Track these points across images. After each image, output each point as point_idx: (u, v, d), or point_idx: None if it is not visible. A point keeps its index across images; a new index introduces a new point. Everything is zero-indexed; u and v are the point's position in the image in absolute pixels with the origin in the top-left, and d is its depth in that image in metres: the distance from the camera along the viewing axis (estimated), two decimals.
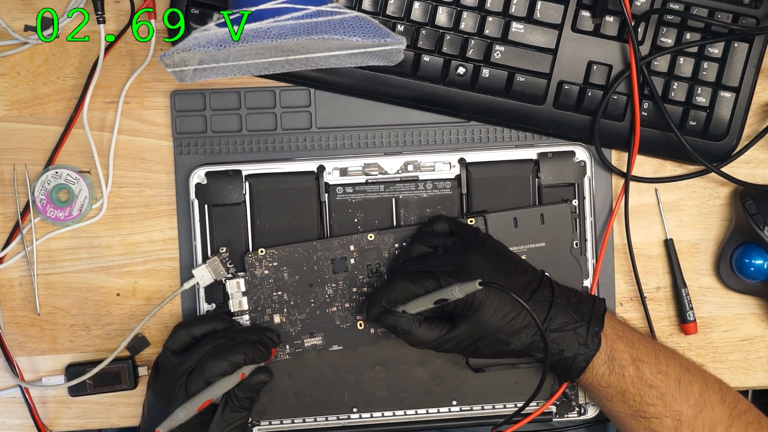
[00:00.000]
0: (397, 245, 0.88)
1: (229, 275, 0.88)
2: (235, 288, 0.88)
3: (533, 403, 0.89)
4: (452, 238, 0.84)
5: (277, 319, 0.88)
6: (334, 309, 0.88)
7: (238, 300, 0.88)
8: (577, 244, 0.89)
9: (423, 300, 0.79)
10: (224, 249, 0.88)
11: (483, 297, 0.79)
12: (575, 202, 0.89)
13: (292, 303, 0.88)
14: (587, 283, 0.90)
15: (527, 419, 0.88)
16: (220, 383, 0.80)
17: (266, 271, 0.88)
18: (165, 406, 0.81)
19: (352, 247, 0.88)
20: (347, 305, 0.88)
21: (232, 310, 0.88)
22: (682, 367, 0.83)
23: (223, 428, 0.82)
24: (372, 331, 0.88)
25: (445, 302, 0.78)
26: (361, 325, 0.88)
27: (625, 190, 0.90)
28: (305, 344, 0.88)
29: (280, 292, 0.88)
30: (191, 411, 0.78)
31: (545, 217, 0.89)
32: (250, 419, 0.89)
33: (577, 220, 0.89)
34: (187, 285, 0.88)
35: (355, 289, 0.88)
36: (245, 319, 0.88)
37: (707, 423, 0.82)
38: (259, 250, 0.88)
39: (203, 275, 0.87)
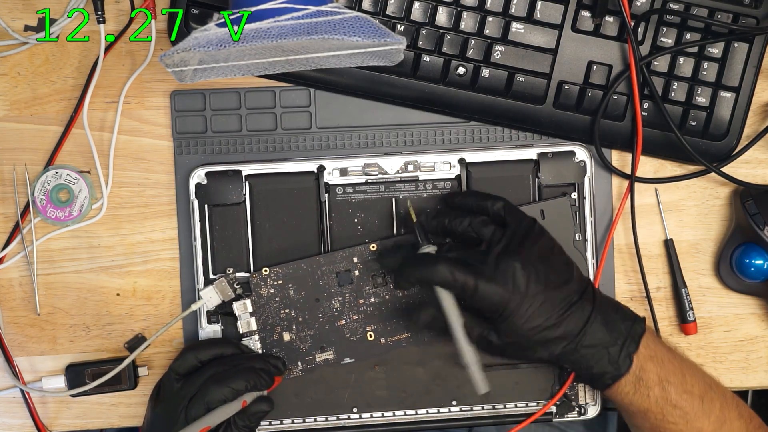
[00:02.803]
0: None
1: (237, 295, 0.88)
2: (242, 309, 0.88)
3: (533, 403, 0.90)
4: (501, 229, 0.82)
5: (286, 336, 0.88)
6: (343, 322, 0.88)
7: (246, 321, 0.88)
8: (579, 237, 0.89)
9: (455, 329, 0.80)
10: (231, 270, 0.88)
11: (515, 305, 0.78)
12: (574, 195, 0.89)
13: (300, 319, 0.88)
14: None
15: (529, 420, 0.88)
16: (220, 410, 0.80)
17: (272, 290, 0.88)
18: (164, 428, 0.81)
19: (355, 259, 0.88)
20: (355, 317, 0.88)
21: (241, 332, 0.88)
22: (706, 384, 0.83)
23: None
24: (382, 341, 0.88)
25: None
26: (371, 336, 0.88)
27: (631, 190, 0.90)
28: (317, 359, 0.88)
29: (287, 310, 0.88)
30: None
31: (545, 212, 0.88)
32: None
33: (578, 213, 0.89)
34: (195, 306, 0.87)
35: (362, 301, 0.88)
36: (255, 339, 0.88)
37: None
38: (263, 270, 0.87)
39: (210, 296, 0.87)
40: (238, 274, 0.88)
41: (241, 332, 0.88)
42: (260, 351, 0.88)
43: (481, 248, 0.81)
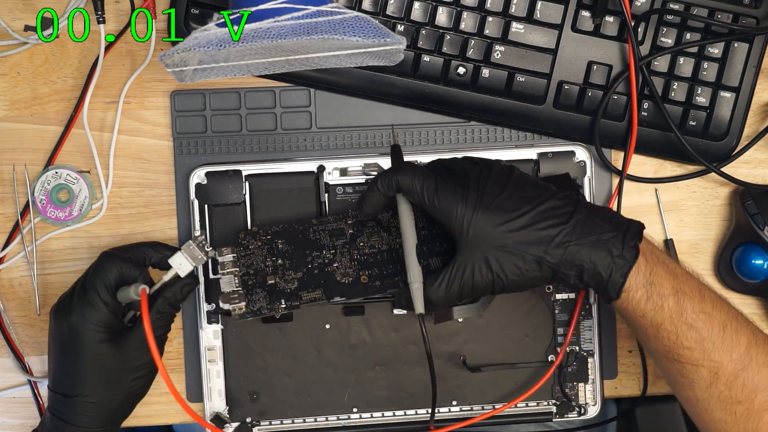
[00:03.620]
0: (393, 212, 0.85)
1: (209, 257, 0.83)
2: (229, 258, 0.84)
3: (533, 403, 0.90)
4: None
5: (270, 280, 0.83)
6: (336, 266, 0.84)
7: (228, 261, 0.84)
8: None
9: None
10: (199, 233, 0.87)
11: (474, 204, 0.72)
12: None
13: (287, 266, 0.84)
14: None
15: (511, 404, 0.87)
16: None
17: (259, 243, 0.85)
18: (67, 322, 0.79)
19: (350, 221, 0.86)
20: (349, 264, 0.84)
21: (221, 271, 0.83)
22: (731, 314, 0.74)
23: (155, 318, 0.80)
24: (378, 283, 0.83)
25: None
26: (365, 279, 0.83)
27: (619, 189, 0.90)
28: (303, 298, 0.82)
29: (274, 258, 0.84)
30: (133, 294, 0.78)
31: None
32: (249, 419, 0.89)
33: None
34: (166, 277, 0.82)
35: (356, 252, 0.84)
36: (234, 280, 0.83)
37: (748, 385, 0.72)
38: (253, 228, 0.86)
39: (180, 263, 0.81)
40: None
41: (221, 271, 0.83)
42: (238, 289, 0.82)
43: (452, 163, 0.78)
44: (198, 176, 0.88)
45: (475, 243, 0.73)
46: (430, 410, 0.90)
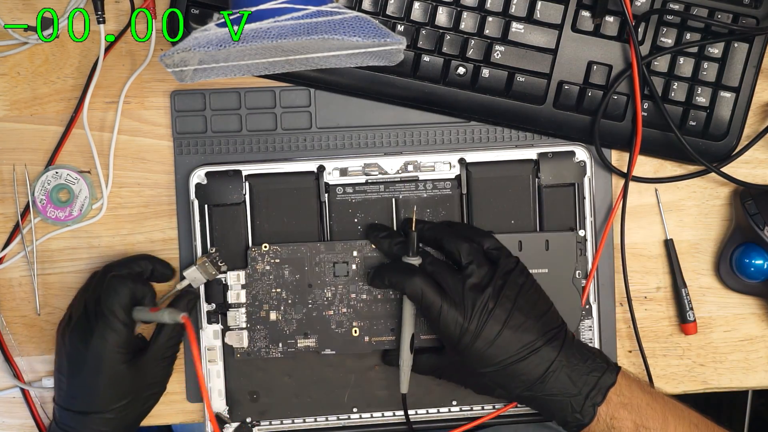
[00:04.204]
0: None
1: (222, 273, 0.88)
2: (235, 280, 0.88)
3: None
4: (486, 263, 0.83)
5: (273, 316, 0.88)
6: (331, 312, 0.88)
7: (236, 292, 0.87)
8: (579, 275, 0.89)
9: (406, 327, 0.85)
10: (214, 249, 0.88)
11: (470, 339, 0.79)
12: (582, 233, 0.89)
13: (289, 301, 0.88)
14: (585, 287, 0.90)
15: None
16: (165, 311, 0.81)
17: (267, 267, 0.88)
18: (81, 340, 0.81)
19: (355, 253, 0.88)
20: (344, 310, 0.88)
21: (229, 302, 0.88)
22: (692, 425, 0.81)
23: (160, 356, 0.84)
24: (366, 339, 0.88)
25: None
26: (356, 332, 0.88)
27: (624, 190, 0.90)
28: (298, 344, 0.88)
29: (279, 289, 0.88)
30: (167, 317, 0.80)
31: (550, 243, 0.88)
32: (249, 419, 0.89)
33: (582, 250, 0.89)
34: (179, 286, 0.87)
35: (353, 295, 0.88)
36: (241, 312, 0.88)
37: None
38: (263, 246, 0.88)
39: (194, 277, 0.87)
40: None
41: (229, 302, 0.88)
42: (245, 325, 0.88)
43: (462, 274, 0.82)
44: (198, 176, 0.88)
45: (464, 361, 0.81)
46: (430, 410, 0.90)
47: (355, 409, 0.90)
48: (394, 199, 0.89)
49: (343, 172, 0.89)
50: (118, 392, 0.81)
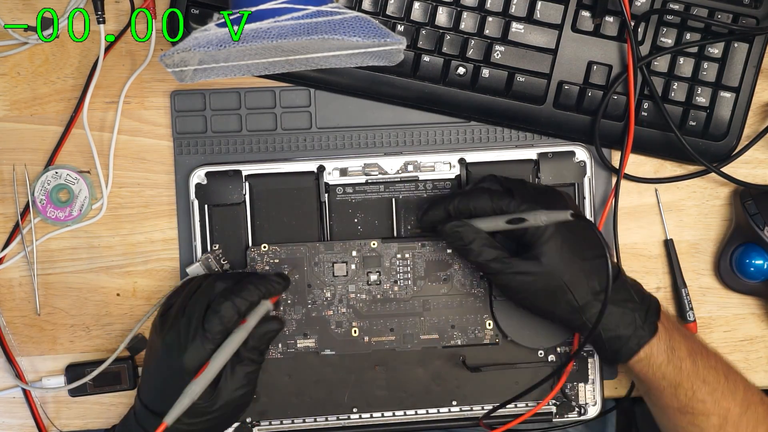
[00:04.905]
0: (399, 255, 0.88)
1: (224, 271, 0.88)
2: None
3: (533, 403, 0.89)
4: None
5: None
6: (331, 312, 0.88)
7: None
8: None
9: (494, 219, 0.79)
10: (217, 246, 0.88)
11: (556, 233, 0.78)
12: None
13: (289, 301, 0.88)
14: None
15: (527, 414, 0.88)
16: (223, 350, 0.77)
17: (267, 267, 0.88)
18: (176, 354, 0.77)
19: (354, 253, 0.88)
20: (343, 311, 0.88)
21: None
22: (726, 364, 0.83)
23: (236, 387, 0.79)
24: (366, 339, 0.88)
25: (520, 224, 0.76)
26: (355, 332, 0.88)
27: (616, 189, 0.90)
28: (298, 345, 0.88)
29: None
30: (198, 391, 0.76)
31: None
32: (249, 419, 0.89)
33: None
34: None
35: (353, 295, 0.88)
36: None
37: (751, 422, 0.80)
38: (262, 246, 0.88)
39: (197, 273, 0.87)
40: None
41: None
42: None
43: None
44: (198, 176, 0.88)
45: (540, 260, 0.78)
46: (430, 411, 0.90)
47: (355, 409, 0.90)
48: (394, 199, 0.89)
49: (343, 172, 0.89)
50: (195, 411, 0.78)
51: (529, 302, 0.81)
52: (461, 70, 0.89)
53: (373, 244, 0.88)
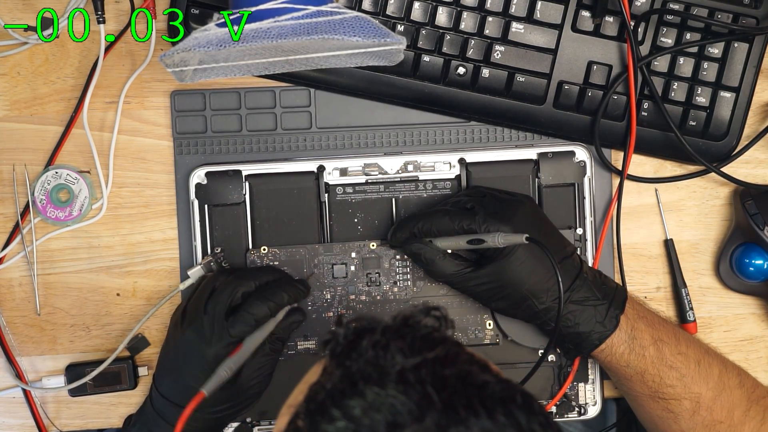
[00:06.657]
0: (398, 256, 0.88)
1: None
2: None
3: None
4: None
5: None
6: (331, 314, 0.88)
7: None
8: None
9: (455, 239, 0.81)
10: (219, 249, 0.88)
11: (514, 248, 0.80)
12: (579, 231, 0.89)
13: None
14: None
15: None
16: (255, 335, 0.80)
17: None
18: (197, 349, 0.80)
19: (353, 254, 0.88)
20: (344, 312, 0.88)
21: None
22: (702, 349, 0.83)
23: (256, 373, 0.82)
24: None
25: (480, 245, 0.80)
26: None
27: (619, 190, 0.90)
28: (298, 347, 0.89)
29: None
30: (233, 368, 0.78)
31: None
32: (249, 419, 0.89)
33: (581, 250, 0.89)
34: (183, 286, 0.88)
35: (353, 297, 0.88)
36: None
37: (725, 406, 0.82)
38: (262, 248, 0.88)
39: (199, 276, 0.87)
40: None
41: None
42: None
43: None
44: (198, 176, 0.88)
45: (501, 272, 0.81)
46: None
47: None
48: (394, 199, 0.89)
49: (343, 172, 0.89)
50: (215, 399, 0.79)
51: (494, 306, 0.86)
52: (461, 70, 0.89)
53: (373, 245, 0.88)
